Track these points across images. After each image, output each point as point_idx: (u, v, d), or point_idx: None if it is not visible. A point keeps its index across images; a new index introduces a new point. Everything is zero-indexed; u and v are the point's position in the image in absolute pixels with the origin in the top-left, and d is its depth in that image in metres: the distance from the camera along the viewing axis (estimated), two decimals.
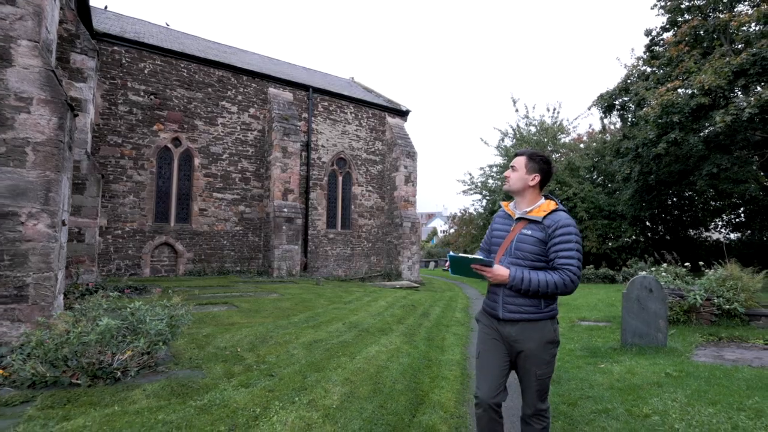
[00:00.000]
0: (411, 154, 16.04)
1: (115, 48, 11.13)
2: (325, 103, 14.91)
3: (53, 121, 3.68)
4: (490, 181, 23.19)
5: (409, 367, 4.15)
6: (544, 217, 2.03)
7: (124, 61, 11.23)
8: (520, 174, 2.13)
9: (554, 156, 21.09)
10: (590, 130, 23.26)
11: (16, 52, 3.59)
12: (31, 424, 2.29)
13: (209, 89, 12.61)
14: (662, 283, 5.55)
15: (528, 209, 2.11)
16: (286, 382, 3.27)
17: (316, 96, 14.61)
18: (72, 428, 2.31)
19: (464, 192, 24.00)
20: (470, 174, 23.84)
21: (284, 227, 12.45)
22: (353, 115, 15.63)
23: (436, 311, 8.34)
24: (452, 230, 31.76)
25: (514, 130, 22.60)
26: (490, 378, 2.03)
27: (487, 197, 23.33)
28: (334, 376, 3.54)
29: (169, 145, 11.89)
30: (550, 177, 2.15)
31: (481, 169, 23.62)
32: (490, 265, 1.94)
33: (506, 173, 2.21)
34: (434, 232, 43.71)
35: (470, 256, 1.93)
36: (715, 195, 17.05)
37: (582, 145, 22.03)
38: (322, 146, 14.66)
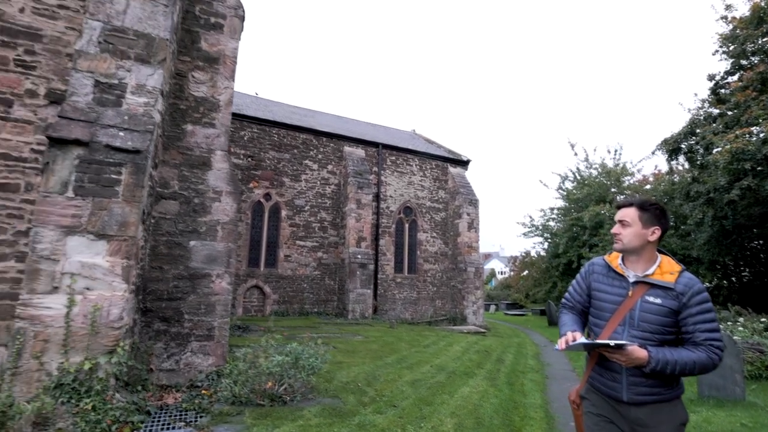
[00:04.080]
0: (473, 202, 16.87)
1: None
2: (393, 157, 16.36)
3: (234, 206, 5.08)
4: (552, 223, 23.20)
5: (499, 407, 4.84)
6: (675, 282, 1.78)
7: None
8: (635, 229, 1.86)
9: (619, 199, 20.88)
10: (656, 171, 22.80)
11: (213, 159, 5.10)
12: (255, 428, 3.35)
13: (295, 150, 14.52)
14: (739, 338, 5.82)
15: (649, 271, 1.84)
16: (408, 411, 4.15)
17: (384, 151, 16.13)
18: None
19: (525, 234, 24.13)
20: (530, 216, 23.98)
21: (358, 272, 13.61)
22: (418, 166, 16.92)
23: (509, 357, 8.83)
24: (512, 272, 31.45)
25: (573, 173, 22.77)
26: None
27: (549, 240, 23.28)
28: (442, 410, 4.36)
29: (262, 200, 13.73)
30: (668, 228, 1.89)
31: (542, 211, 23.71)
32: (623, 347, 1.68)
33: (614, 229, 1.95)
34: (492, 274, 43.23)
35: (605, 341, 1.71)
36: None
37: (648, 187, 21.61)
38: (390, 196, 15.96)
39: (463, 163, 18.11)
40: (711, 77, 16.11)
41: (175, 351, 4.74)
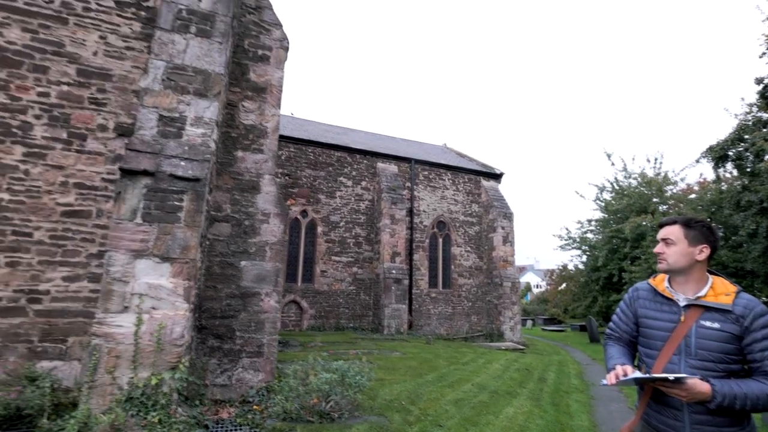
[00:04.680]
0: (507, 215, 16.66)
1: None
2: (425, 172, 16.47)
3: (281, 228, 5.34)
4: (590, 235, 22.47)
5: (546, 429, 4.75)
6: (733, 304, 1.64)
7: None
8: (680, 248, 1.75)
9: (661, 209, 20.01)
10: (701, 180, 21.72)
11: (262, 183, 5.39)
12: None
13: (330, 168, 14.90)
14: None
15: (701, 293, 1.72)
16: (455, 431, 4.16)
17: (416, 167, 16.27)
18: None
19: (561, 247, 23.46)
20: (567, 229, 23.34)
21: (393, 288, 13.67)
22: (450, 181, 16.93)
23: (551, 376, 8.59)
24: (549, 286, 30.53)
25: (611, 183, 22.04)
26: None
27: (588, 252, 22.51)
28: (488, 431, 4.34)
29: (299, 217, 14.13)
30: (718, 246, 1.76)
31: (579, 223, 23.02)
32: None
33: (657, 249, 1.84)
34: (528, 288, 42.07)
35: (662, 375, 1.58)
36: None
37: (693, 196, 20.60)
38: (424, 211, 16.02)
39: (496, 176, 17.97)
40: (759, 80, 15.33)
41: (227, 367, 4.97)
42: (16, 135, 4.63)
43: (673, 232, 1.79)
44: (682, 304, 1.74)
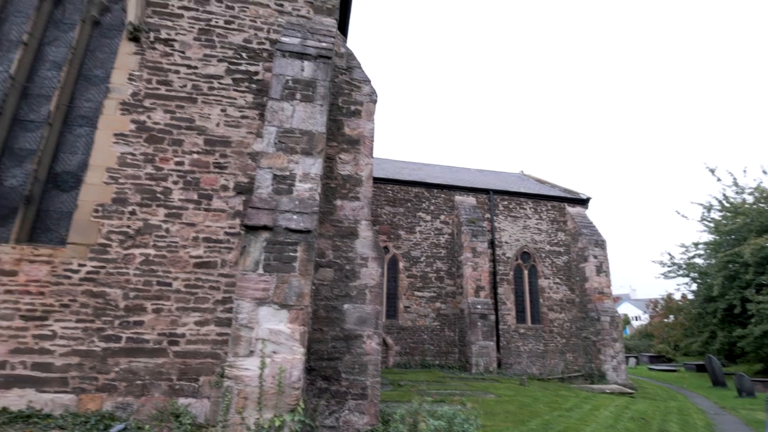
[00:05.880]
0: (599, 243, 15.48)
1: None
2: (505, 202, 16.07)
3: (379, 271, 5.58)
4: (699, 260, 19.93)
5: None
6: None
7: None
8: None
9: None
10: None
11: (360, 229, 5.74)
12: None
13: (408, 204, 15.21)
14: None
15: None
16: None
17: (495, 197, 15.96)
18: None
19: (665, 275, 21.07)
20: (669, 254, 20.92)
21: (479, 323, 13.23)
22: (532, 209, 16.30)
23: (674, 429, 7.57)
24: (651, 319, 27.30)
25: (720, 201, 19.57)
26: None
27: (698, 280, 19.91)
28: None
29: None
30: None
31: (683, 247, 20.55)
32: None
33: None
34: (626, 320, 37.91)
35: None
36: None
37: None
38: (506, 242, 15.52)
39: (582, 202, 16.95)
40: None
41: (335, 408, 5.15)
42: (160, 199, 5.46)
43: None
44: None
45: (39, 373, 4.79)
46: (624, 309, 46.29)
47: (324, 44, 5.89)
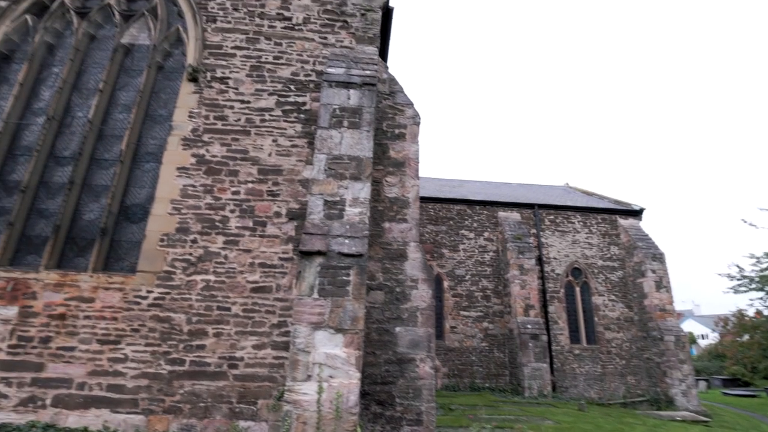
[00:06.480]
0: (657, 256, 14.54)
1: None
2: (551, 217, 15.54)
3: (429, 293, 5.55)
4: None
5: None
6: None
7: None
8: None
9: None
10: None
11: (408, 250, 5.77)
12: None
13: (450, 222, 15.07)
14: None
15: None
16: None
17: (540, 212, 15.48)
18: None
19: (734, 289, 19.32)
20: (738, 266, 19.22)
21: (530, 344, 12.69)
22: (581, 223, 15.64)
23: None
24: (721, 337, 25.02)
25: None
26: None
27: None
28: None
29: None
30: None
31: (754, 258, 18.85)
32: None
33: None
34: (691, 339, 34.95)
35: None
36: None
37: None
38: (554, 258, 14.94)
39: (635, 213, 16.08)
40: None
41: None
42: (219, 227, 5.76)
43: None
44: None
45: (113, 394, 5.09)
46: (688, 326, 42.66)
47: (368, 72, 6.08)
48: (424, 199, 15.09)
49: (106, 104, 6.44)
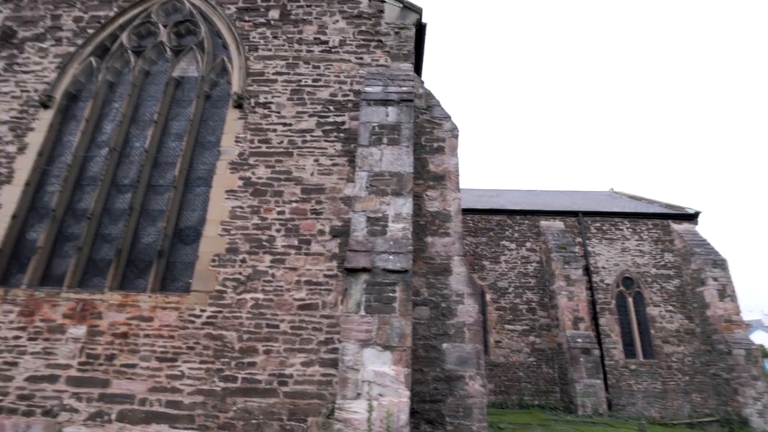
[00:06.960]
0: (718, 263, 13.53)
1: None
2: (597, 224, 14.89)
3: (476, 307, 5.45)
4: None
5: None
6: None
7: None
8: None
9: None
10: None
11: (452, 264, 5.71)
12: None
13: (490, 233, 14.77)
14: None
15: None
16: None
17: (586, 219, 14.88)
18: None
19: None
20: None
21: (581, 359, 12.07)
22: (630, 229, 14.88)
23: None
24: None
25: None
26: None
27: None
28: None
29: None
30: None
31: None
32: None
33: None
34: (763, 352, 31.86)
35: None
36: None
37: None
38: (603, 267, 14.25)
39: (690, 217, 15.09)
40: None
41: None
42: (266, 246, 5.95)
43: None
44: None
45: (171, 410, 5.30)
46: (758, 338, 38.98)
47: (404, 88, 6.15)
48: (462, 211, 14.90)
49: (160, 134, 6.88)
